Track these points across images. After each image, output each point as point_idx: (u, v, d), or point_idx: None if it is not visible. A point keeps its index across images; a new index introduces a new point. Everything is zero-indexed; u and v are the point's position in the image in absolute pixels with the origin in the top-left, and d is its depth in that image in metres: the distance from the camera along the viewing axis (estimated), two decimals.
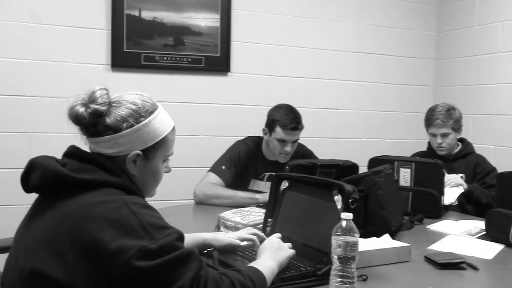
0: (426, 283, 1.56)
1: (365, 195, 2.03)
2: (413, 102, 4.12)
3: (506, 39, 3.61)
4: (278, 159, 2.84)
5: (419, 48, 4.15)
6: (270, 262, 1.40)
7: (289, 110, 2.80)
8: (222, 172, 2.79)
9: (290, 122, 2.73)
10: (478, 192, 2.72)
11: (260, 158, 2.91)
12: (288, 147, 2.76)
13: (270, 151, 2.85)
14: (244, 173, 2.86)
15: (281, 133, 2.73)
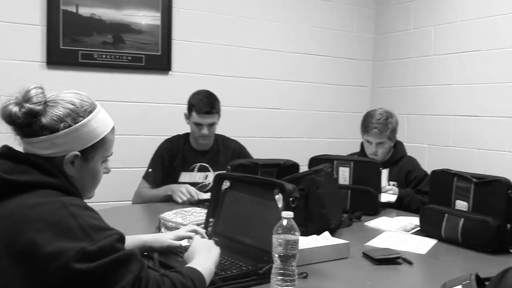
0: (364, 279, 1.61)
1: (306, 193, 2.07)
2: (351, 102, 4.23)
3: (439, 43, 3.77)
4: (197, 142, 2.93)
5: (358, 49, 4.26)
6: (207, 262, 1.40)
7: (205, 95, 2.92)
8: (149, 175, 2.93)
9: (204, 106, 2.85)
10: (408, 199, 2.77)
11: (188, 150, 2.99)
12: (204, 130, 2.87)
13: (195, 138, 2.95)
14: (172, 169, 2.92)
15: (196, 117, 2.86)
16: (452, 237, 2.04)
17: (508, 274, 1.09)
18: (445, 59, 3.72)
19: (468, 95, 3.56)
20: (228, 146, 3.04)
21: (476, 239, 1.96)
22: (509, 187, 1.95)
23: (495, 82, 3.38)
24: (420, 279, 1.72)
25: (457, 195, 2.11)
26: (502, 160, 3.26)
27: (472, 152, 3.50)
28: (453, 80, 3.66)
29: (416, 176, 2.98)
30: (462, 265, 1.84)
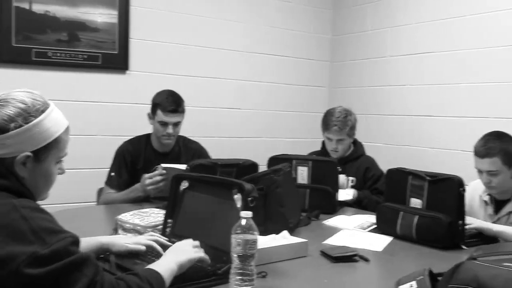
0: (322, 276, 1.63)
1: (265, 193, 2.07)
2: (310, 102, 4.28)
3: (395, 44, 3.86)
4: (161, 141, 2.88)
5: (316, 50, 4.31)
6: (169, 263, 1.39)
7: (170, 94, 2.88)
8: (112, 180, 2.85)
9: (169, 105, 2.81)
10: (366, 201, 2.84)
11: (150, 152, 2.93)
12: (169, 129, 2.83)
13: (158, 139, 2.87)
14: (135, 171, 2.86)
15: (161, 116, 2.81)
16: (407, 234, 2.09)
17: (459, 269, 1.12)
18: (400, 60, 3.81)
19: (422, 95, 3.65)
20: (189, 147, 3.01)
21: (430, 236, 2.02)
22: (461, 185, 2.02)
23: (447, 83, 3.48)
24: (376, 275, 1.75)
25: (412, 193, 2.16)
26: (455, 159, 3.36)
27: (426, 151, 3.60)
28: (408, 80, 3.76)
29: (373, 175, 3.04)
30: (417, 261, 1.89)
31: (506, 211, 2.37)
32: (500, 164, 2.28)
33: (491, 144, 2.31)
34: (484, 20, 3.27)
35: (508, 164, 2.29)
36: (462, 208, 2.05)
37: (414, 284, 1.19)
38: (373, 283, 1.66)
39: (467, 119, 3.36)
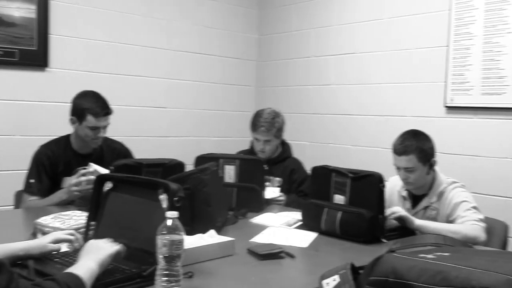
0: (249, 274, 1.64)
1: (191, 193, 2.05)
2: (237, 101, 4.30)
3: (319, 45, 3.96)
4: (91, 145, 2.77)
5: (242, 49, 4.33)
6: (88, 263, 1.35)
7: (97, 97, 2.75)
8: (32, 186, 2.68)
9: (101, 109, 2.69)
10: (294, 205, 2.89)
11: (70, 154, 2.80)
12: (101, 133, 2.74)
13: (81, 141, 2.76)
14: (56, 176, 2.73)
15: (93, 121, 2.68)
16: (331, 230, 2.15)
17: (379, 261, 1.17)
18: (324, 61, 3.92)
19: (344, 95, 3.77)
20: (112, 148, 2.92)
21: (352, 230, 2.09)
22: (381, 181, 2.10)
23: (368, 82, 3.62)
24: (302, 271, 1.79)
25: (335, 189, 2.22)
26: (375, 156, 3.50)
27: (348, 148, 3.72)
28: (331, 80, 3.86)
29: (299, 177, 3.11)
30: (340, 255, 1.95)
31: (423, 205, 2.49)
32: (416, 161, 2.40)
33: (407, 143, 2.42)
34: (404, 23, 3.43)
35: (423, 161, 2.41)
36: (382, 203, 2.14)
37: (337, 278, 1.23)
38: (299, 279, 1.70)
39: (386, 117, 3.51)
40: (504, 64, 2.93)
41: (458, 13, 3.13)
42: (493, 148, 2.99)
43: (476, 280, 0.99)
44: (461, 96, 3.12)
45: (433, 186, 2.49)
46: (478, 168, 3.04)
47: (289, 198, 2.93)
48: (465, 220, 2.29)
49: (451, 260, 1.10)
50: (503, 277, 0.97)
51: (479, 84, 3.03)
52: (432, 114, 3.25)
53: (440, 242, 1.51)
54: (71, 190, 2.51)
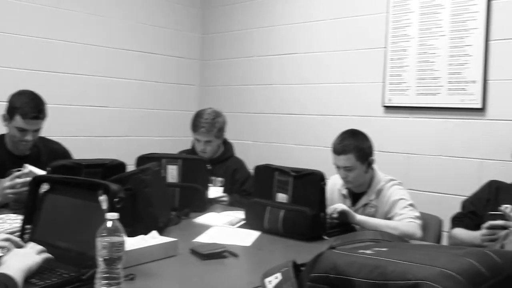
0: (192, 275, 1.63)
1: (133, 193, 2.02)
2: (180, 100, 4.26)
3: (261, 45, 3.98)
4: (17, 147, 2.66)
5: (185, 48, 4.30)
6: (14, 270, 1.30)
7: (31, 97, 2.62)
8: None
9: (31, 111, 2.56)
10: (237, 205, 2.89)
11: (4, 155, 2.68)
12: (29, 136, 2.60)
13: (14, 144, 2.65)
14: None
15: (20, 122, 2.56)
16: (274, 228, 2.17)
17: (320, 258, 1.19)
18: (266, 60, 3.94)
19: (287, 94, 3.82)
20: (50, 148, 2.81)
21: (295, 228, 2.12)
22: (322, 179, 2.14)
23: (309, 82, 3.68)
24: (245, 270, 1.80)
25: (278, 188, 2.24)
26: (317, 154, 3.56)
27: (291, 147, 3.77)
28: (274, 80, 3.90)
29: (241, 176, 3.12)
30: (283, 253, 1.97)
31: (362, 203, 2.56)
32: (354, 160, 2.46)
33: (346, 142, 2.48)
34: (344, 25, 3.51)
35: (362, 160, 2.48)
36: (323, 201, 2.18)
37: (279, 276, 1.24)
38: (242, 278, 1.70)
39: (328, 117, 3.58)
40: (438, 65, 3.05)
41: (395, 16, 3.24)
42: (428, 146, 3.11)
43: (411, 273, 1.02)
44: (398, 96, 3.22)
45: (371, 184, 2.56)
46: (414, 166, 3.15)
47: (232, 198, 2.93)
48: (402, 218, 2.37)
49: (389, 255, 1.14)
50: (437, 269, 1.01)
51: (414, 84, 3.15)
52: (371, 113, 3.34)
53: (379, 238, 1.55)
54: (5, 193, 2.40)
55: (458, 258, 1.07)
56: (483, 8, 2.88)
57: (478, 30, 2.90)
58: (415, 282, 1.00)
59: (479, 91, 2.90)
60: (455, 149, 3.01)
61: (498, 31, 2.85)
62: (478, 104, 2.91)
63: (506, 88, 2.83)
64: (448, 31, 3.02)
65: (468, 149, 2.96)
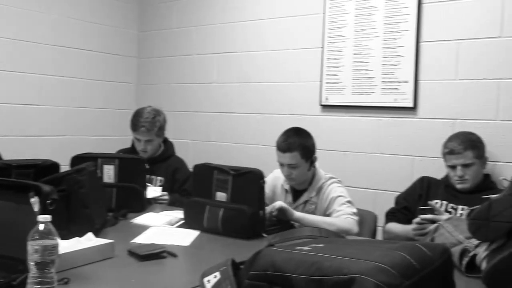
0: (129, 276, 1.60)
1: (67, 194, 1.96)
2: (116, 98, 4.16)
3: (201, 43, 3.96)
4: None
5: (122, 45, 4.21)
6: None
7: None
8: None
9: None
10: (177, 204, 2.87)
11: None
12: None
13: None
14: None
15: None
16: (214, 227, 2.17)
17: (258, 256, 1.20)
18: (206, 59, 3.93)
19: (226, 93, 3.82)
20: None
21: (234, 227, 2.12)
22: (261, 177, 2.16)
23: (249, 81, 3.69)
24: (184, 270, 1.78)
25: (217, 187, 2.24)
26: (257, 153, 3.58)
27: (231, 146, 3.77)
28: (214, 78, 3.89)
29: (182, 175, 3.10)
30: (222, 252, 1.97)
31: (303, 200, 2.60)
32: (299, 158, 2.50)
33: (291, 140, 2.51)
34: (283, 24, 3.54)
35: (306, 158, 2.52)
36: (262, 199, 2.20)
37: (218, 275, 1.24)
38: (181, 278, 1.69)
39: (267, 115, 3.60)
40: (372, 66, 3.14)
41: (331, 17, 3.31)
42: (363, 144, 3.20)
43: (347, 268, 1.05)
44: (334, 95, 3.30)
45: (313, 182, 2.61)
46: (350, 163, 3.24)
47: (173, 197, 2.90)
48: (340, 214, 2.43)
49: (325, 250, 1.16)
50: (371, 263, 1.04)
51: (350, 84, 3.23)
52: (309, 112, 3.40)
53: (316, 234, 1.58)
54: None
55: (391, 252, 1.10)
56: (414, 11, 3.00)
57: (410, 32, 3.02)
58: (350, 276, 1.03)
59: (411, 90, 3.02)
60: (388, 147, 3.11)
61: (428, 33, 2.97)
62: (410, 103, 3.02)
63: (435, 88, 2.95)
64: (382, 32, 3.12)
65: (401, 147, 3.07)
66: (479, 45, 2.81)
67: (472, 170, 2.55)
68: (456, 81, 2.89)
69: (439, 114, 2.94)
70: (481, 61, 2.81)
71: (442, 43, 2.93)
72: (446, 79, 2.92)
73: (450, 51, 2.90)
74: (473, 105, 2.83)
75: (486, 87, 2.79)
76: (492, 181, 2.64)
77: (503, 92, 2.75)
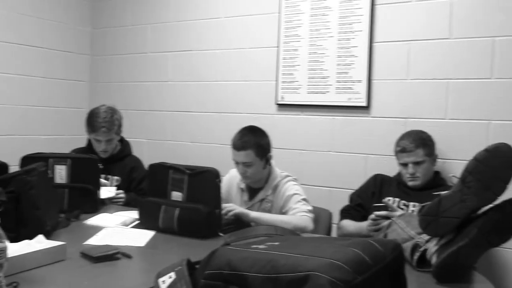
0: (82, 279, 1.56)
1: (16, 196, 1.90)
2: (69, 97, 4.06)
3: (156, 41, 3.91)
4: None
5: (74, 42, 4.11)
6: None
7: None
8: None
9: None
10: (133, 204, 2.83)
11: None
12: None
13: None
14: None
15: None
16: (169, 227, 2.15)
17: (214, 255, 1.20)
18: (160, 57, 3.88)
19: (182, 92, 3.79)
20: None
21: (190, 226, 2.11)
22: (217, 176, 2.16)
23: (205, 80, 3.68)
24: (139, 271, 1.76)
25: (173, 186, 2.22)
26: (213, 152, 3.57)
27: (187, 145, 3.75)
28: (169, 77, 3.85)
29: (138, 175, 3.06)
30: (178, 252, 1.96)
31: (259, 198, 2.61)
32: (254, 156, 2.51)
33: (245, 138, 2.52)
34: (239, 23, 3.54)
35: (261, 156, 2.53)
36: (219, 198, 2.20)
37: (173, 275, 1.23)
38: (135, 279, 1.66)
39: (223, 114, 3.60)
40: (327, 65, 3.19)
41: (287, 16, 3.33)
42: (318, 142, 3.24)
43: (302, 265, 1.06)
44: (290, 94, 3.32)
45: (268, 180, 2.62)
46: (306, 161, 3.27)
47: (129, 196, 2.86)
48: (296, 212, 2.46)
49: (281, 248, 1.17)
50: (326, 260, 1.06)
51: (306, 83, 3.26)
52: (265, 111, 3.42)
53: (272, 233, 1.59)
54: None
55: (344, 248, 1.12)
56: (367, 12, 3.06)
57: (363, 32, 3.07)
58: (305, 273, 1.04)
59: (364, 90, 3.07)
60: (343, 145, 3.16)
61: (381, 34, 3.04)
62: (363, 103, 3.08)
63: (388, 87, 3.02)
64: (336, 32, 3.16)
65: (354, 145, 3.12)
66: (429, 46, 2.89)
67: (423, 168, 2.62)
68: (408, 81, 2.96)
69: (392, 113, 3.01)
70: (431, 62, 2.89)
71: (394, 43, 3.00)
72: (398, 79, 2.99)
73: (401, 51, 2.97)
74: (423, 104, 2.92)
75: (436, 87, 2.88)
76: (442, 178, 2.72)
77: (451, 92, 2.84)
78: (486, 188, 1.57)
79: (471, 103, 2.78)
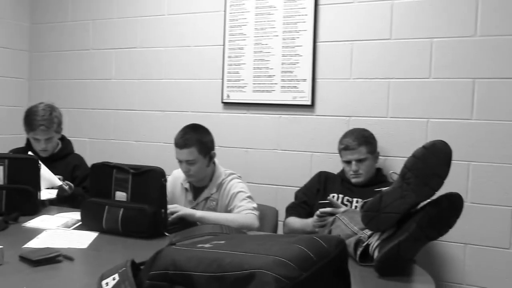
0: (21, 283, 1.51)
1: None
2: (6, 95, 3.90)
3: (98, 37, 3.82)
4: None
5: (12, 38, 3.95)
6: None
7: None
8: None
9: None
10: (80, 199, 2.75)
11: None
12: None
13: None
14: None
15: None
16: (113, 228, 2.10)
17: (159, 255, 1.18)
18: (103, 54, 3.80)
19: (126, 89, 3.71)
20: None
21: (135, 227, 2.08)
22: (162, 175, 2.13)
23: (149, 78, 3.62)
24: (81, 273, 1.71)
25: (117, 186, 2.18)
26: (158, 151, 3.53)
27: (131, 144, 3.68)
28: (112, 74, 3.77)
29: (81, 173, 3.01)
30: (123, 253, 1.92)
31: (203, 197, 2.61)
32: (197, 153, 2.50)
33: (187, 136, 2.51)
34: (184, 20, 3.51)
35: (204, 154, 2.53)
36: (164, 197, 2.17)
37: (116, 277, 1.20)
38: (78, 282, 1.62)
39: (168, 113, 3.56)
40: (272, 64, 3.21)
41: (232, 15, 3.33)
42: (264, 141, 3.26)
43: (247, 263, 1.07)
44: (236, 93, 3.33)
45: (213, 178, 2.62)
46: (252, 160, 3.29)
47: (77, 190, 2.80)
48: (241, 210, 2.46)
49: (226, 247, 1.17)
50: (271, 258, 1.07)
51: (251, 82, 3.27)
52: (211, 109, 3.41)
53: (217, 231, 1.59)
54: None
55: (289, 245, 1.14)
56: (311, 11, 3.10)
57: (307, 32, 3.12)
58: (250, 271, 1.04)
59: (309, 89, 3.12)
60: (288, 143, 3.20)
61: (324, 34, 3.09)
62: (308, 101, 3.12)
63: (331, 86, 3.08)
64: (281, 31, 3.19)
65: (300, 143, 3.17)
66: (371, 47, 2.97)
67: (366, 165, 2.69)
68: (350, 80, 3.03)
69: (335, 112, 3.07)
70: (372, 62, 2.97)
71: (337, 43, 3.06)
72: (341, 78, 3.05)
73: (344, 51, 3.04)
74: (366, 103, 2.99)
75: (377, 86, 2.96)
76: (383, 175, 2.80)
77: (392, 91, 2.93)
78: (424, 184, 1.63)
79: (410, 102, 2.88)
